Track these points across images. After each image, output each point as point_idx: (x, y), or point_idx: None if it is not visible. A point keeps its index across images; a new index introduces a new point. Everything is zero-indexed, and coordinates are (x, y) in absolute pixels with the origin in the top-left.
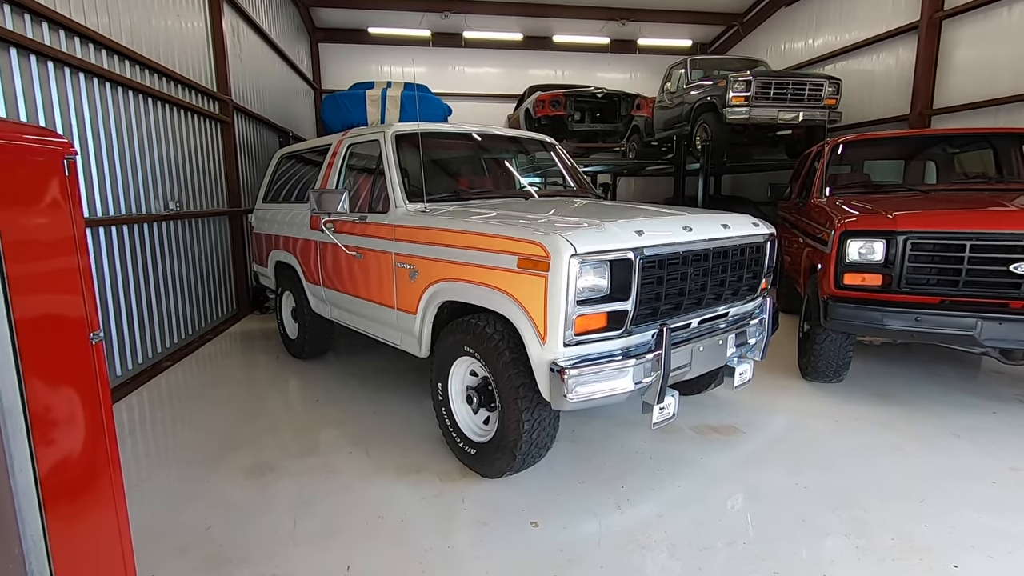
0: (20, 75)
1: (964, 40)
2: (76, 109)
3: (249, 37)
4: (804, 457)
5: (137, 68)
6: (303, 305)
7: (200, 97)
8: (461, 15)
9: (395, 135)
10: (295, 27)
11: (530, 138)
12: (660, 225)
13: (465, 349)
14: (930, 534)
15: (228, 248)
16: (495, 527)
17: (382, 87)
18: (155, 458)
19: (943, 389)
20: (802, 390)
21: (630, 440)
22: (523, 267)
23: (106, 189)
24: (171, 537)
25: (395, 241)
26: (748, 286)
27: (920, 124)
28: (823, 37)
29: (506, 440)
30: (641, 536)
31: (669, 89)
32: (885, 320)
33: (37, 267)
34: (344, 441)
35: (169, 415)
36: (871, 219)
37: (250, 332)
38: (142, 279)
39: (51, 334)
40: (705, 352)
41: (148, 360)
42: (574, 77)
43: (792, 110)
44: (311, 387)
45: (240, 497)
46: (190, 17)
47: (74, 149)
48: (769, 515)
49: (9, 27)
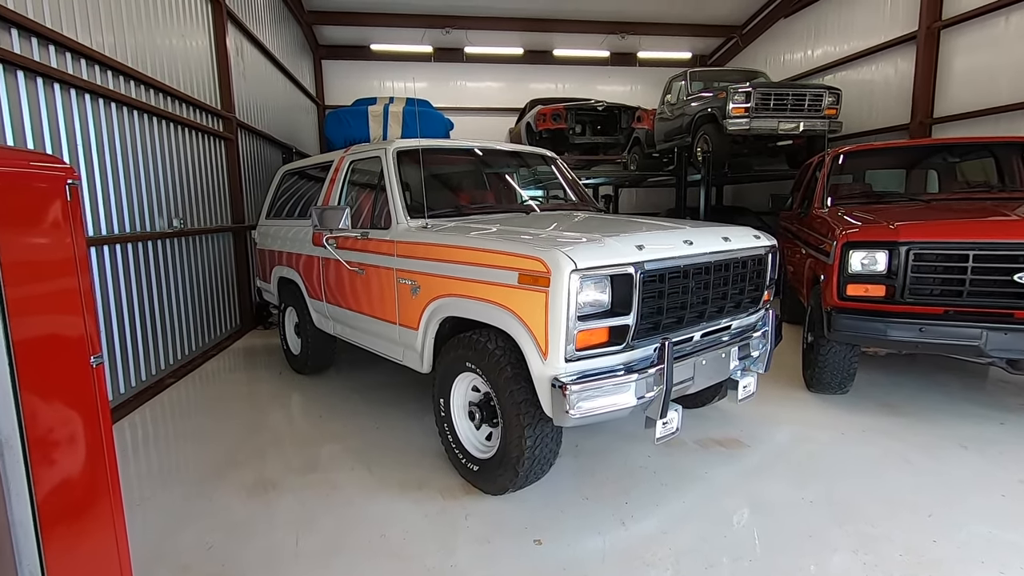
0: (27, 96)
1: (963, 49)
2: (81, 129)
3: (253, 55)
4: (809, 470)
5: (142, 88)
6: (306, 321)
7: (204, 115)
8: (462, 31)
9: (396, 151)
10: (298, 44)
11: (531, 152)
12: (661, 239)
13: (467, 365)
14: (939, 549)
15: (232, 264)
16: (498, 544)
17: (384, 103)
18: (157, 476)
19: (949, 400)
20: (807, 402)
21: (633, 455)
22: (524, 283)
23: (111, 207)
24: (173, 557)
25: (397, 257)
26: (750, 298)
27: (921, 134)
28: (822, 48)
29: (509, 456)
30: (645, 553)
31: (669, 101)
32: (889, 331)
33: (37, 289)
34: (347, 456)
35: (172, 432)
36: (873, 230)
37: (253, 348)
38: (146, 296)
39: (51, 357)
40: (708, 365)
41: (152, 377)
42: (575, 90)
43: (792, 121)
44: (314, 402)
45: (242, 515)
46: (194, 36)
47: (77, 174)
48: (775, 530)
49: (16, 51)
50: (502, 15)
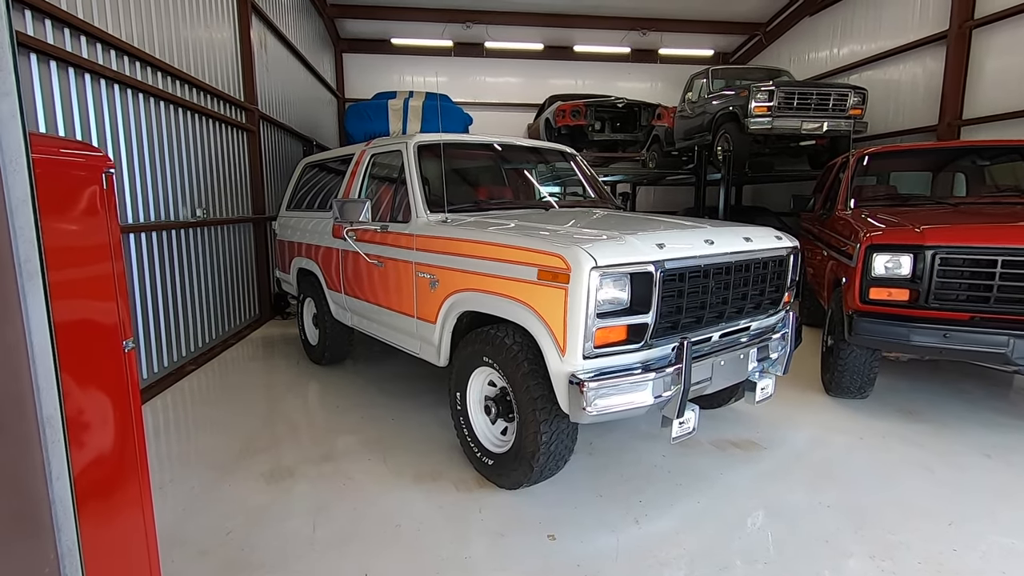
0: (58, 85)
1: (995, 49)
2: (109, 117)
3: (275, 48)
4: (827, 474)
5: (168, 78)
6: (324, 312)
7: (227, 107)
8: (483, 25)
9: (417, 146)
10: (320, 37)
11: (550, 148)
12: (681, 238)
13: (484, 359)
14: (960, 559)
15: (252, 254)
16: (512, 539)
17: (404, 97)
18: (177, 461)
19: (972, 407)
20: (825, 405)
21: (648, 454)
22: (543, 279)
23: (136, 196)
24: (192, 541)
25: (416, 251)
26: (770, 300)
27: (949, 135)
28: (848, 47)
29: (524, 451)
30: (659, 552)
31: (690, 99)
32: (912, 336)
33: (75, 275)
34: (362, 447)
35: (192, 418)
36: (898, 233)
37: (271, 337)
38: (169, 284)
39: (87, 341)
40: (726, 366)
41: (173, 364)
42: (594, 87)
43: (816, 120)
44: (330, 393)
45: (260, 501)
46: (219, 28)
47: (112, 163)
48: (790, 534)
49: (50, 40)
50: (523, 10)
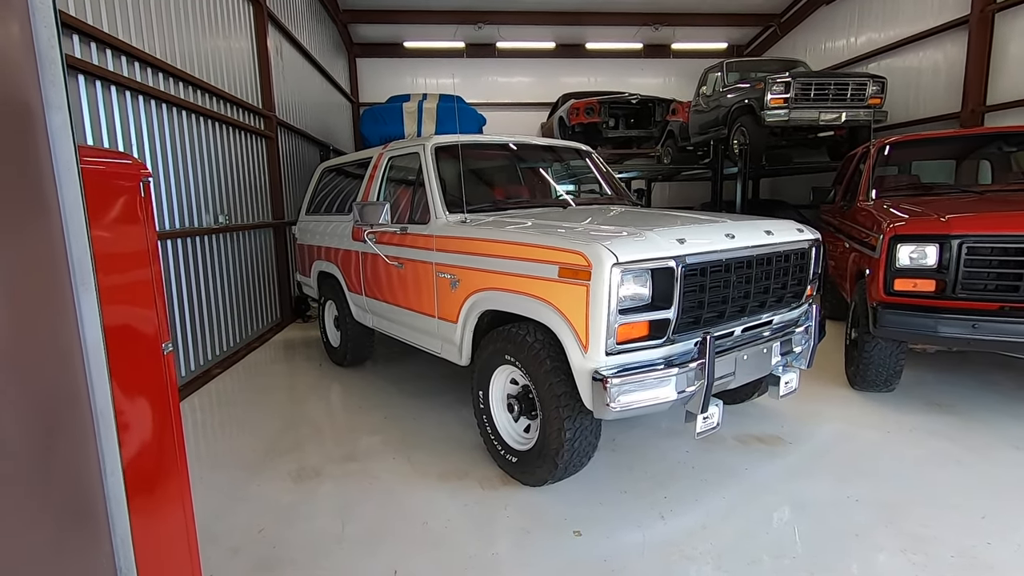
0: (86, 97)
1: (1019, 32)
2: (135, 128)
3: (291, 55)
4: (854, 468)
5: (190, 88)
6: (345, 314)
7: (246, 114)
8: (495, 26)
9: (434, 147)
10: (334, 43)
11: (566, 146)
12: (702, 232)
13: (506, 358)
14: (994, 552)
15: (272, 259)
16: (537, 535)
17: (418, 99)
18: (207, 461)
19: (1002, 399)
20: (850, 399)
21: (672, 449)
22: (564, 276)
23: (162, 204)
24: (225, 538)
25: (435, 251)
26: (793, 293)
27: (972, 122)
28: (865, 35)
29: (548, 448)
30: (685, 547)
31: (705, 93)
32: (939, 327)
33: (120, 279)
34: (386, 447)
35: (220, 420)
36: (923, 222)
37: (292, 340)
38: (194, 289)
39: (131, 343)
40: (749, 361)
41: (200, 367)
42: (607, 83)
43: (834, 111)
44: (353, 394)
45: (289, 500)
46: (237, 38)
47: (148, 171)
48: (818, 528)
49: (77, 55)
50: (535, 8)
